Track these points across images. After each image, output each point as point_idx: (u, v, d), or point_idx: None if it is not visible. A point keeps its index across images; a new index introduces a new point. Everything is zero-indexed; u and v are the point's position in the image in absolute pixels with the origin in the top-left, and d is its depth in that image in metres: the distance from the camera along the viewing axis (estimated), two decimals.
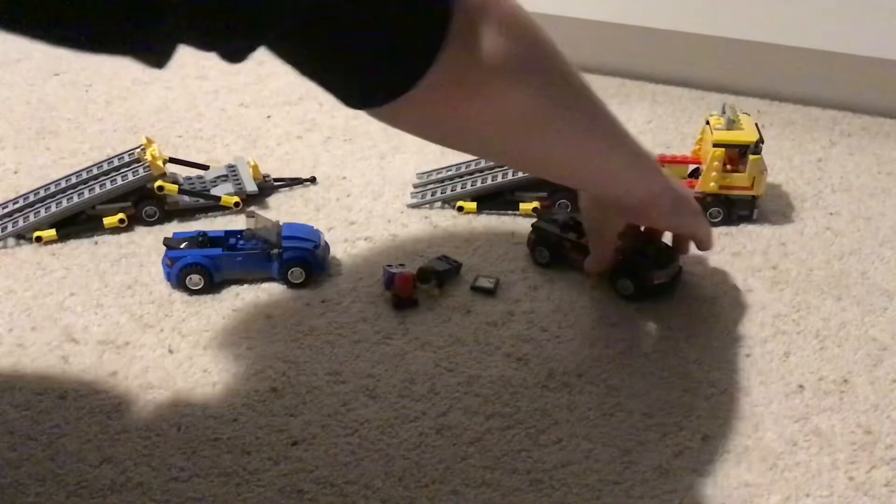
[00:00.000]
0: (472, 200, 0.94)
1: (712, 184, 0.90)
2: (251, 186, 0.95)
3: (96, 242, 0.89)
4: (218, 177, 0.97)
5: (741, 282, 0.84)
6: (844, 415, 0.70)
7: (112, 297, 0.82)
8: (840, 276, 0.85)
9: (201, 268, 0.81)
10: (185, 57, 0.63)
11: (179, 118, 1.13)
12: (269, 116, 1.13)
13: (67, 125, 1.12)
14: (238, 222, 0.90)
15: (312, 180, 1.00)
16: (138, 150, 0.93)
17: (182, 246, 0.82)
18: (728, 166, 0.91)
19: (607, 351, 0.76)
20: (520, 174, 0.93)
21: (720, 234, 0.91)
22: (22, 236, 0.89)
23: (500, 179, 0.94)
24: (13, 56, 1.30)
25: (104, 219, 0.90)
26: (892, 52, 1.09)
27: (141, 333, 0.77)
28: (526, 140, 0.64)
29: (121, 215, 0.90)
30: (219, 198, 0.93)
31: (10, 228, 0.89)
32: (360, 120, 1.13)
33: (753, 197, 0.91)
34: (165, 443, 0.67)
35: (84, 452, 0.66)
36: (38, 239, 0.88)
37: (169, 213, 0.93)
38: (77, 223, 0.90)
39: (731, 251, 0.88)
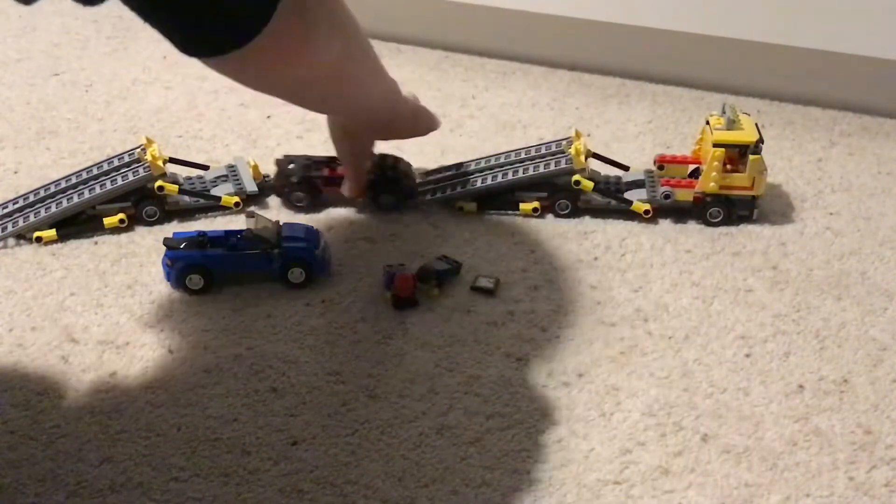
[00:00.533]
0: (472, 200, 0.94)
1: (712, 184, 0.90)
2: (251, 186, 0.95)
3: (96, 242, 0.89)
4: (218, 177, 0.97)
5: (741, 282, 0.84)
6: (844, 415, 0.70)
7: (112, 297, 0.82)
8: (840, 276, 0.85)
9: (201, 268, 0.81)
10: (186, 57, 0.63)
11: (179, 118, 1.13)
12: (269, 116, 1.13)
13: (67, 125, 1.12)
14: (238, 222, 0.90)
15: None
16: (138, 150, 0.93)
17: (182, 246, 0.82)
18: (728, 166, 0.91)
19: (607, 351, 0.76)
20: (520, 174, 0.94)
21: (720, 234, 0.91)
22: (22, 236, 0.89)
23: (499, 179, 0.94)
24: (13, 56, 1.30)
25: (104, 219, 0.90)
26: (892, 52, 1.09)
27: (141, 333, 0.77)
28: (336, 84, 0.74)
29: (121, 215, 0.90)
30: (219, 198, 0.93)
31: (10, 228, 0.89)
32: None
33: (753, 197, 0.91)
34: (165, 443, 0.67)
35: (84, 452, 0.66)
36: (39, 239, 0.88)
37: (169, 213, 0.93)
38: (77, 223, 0.90)
39: (731, 251, 0.88)
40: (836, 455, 0.66)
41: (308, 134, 1.09)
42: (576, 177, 0.91)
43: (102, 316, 0.79)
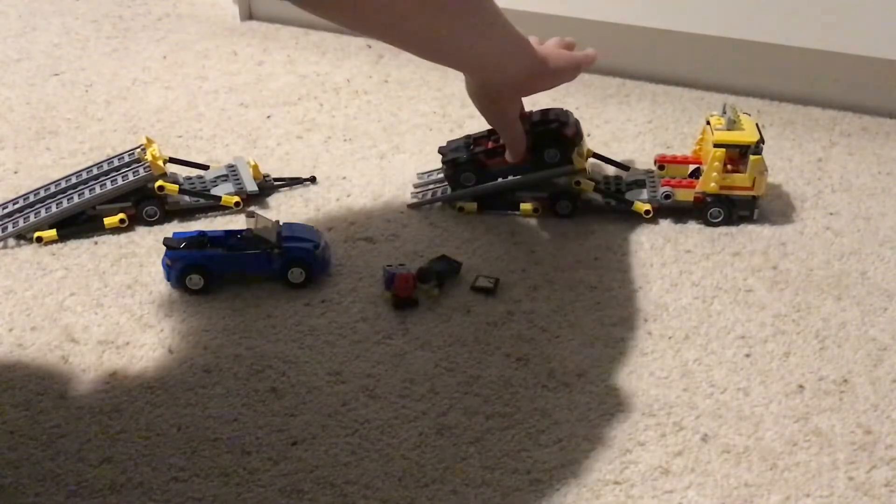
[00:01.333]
0: (472, 200, 0.94)
1: (713, 184, 0.90)
2: (251, 186, 0.95)
3: (96, 242, 0.89)
4: (218, 177, 0.97)
5: (741, 282, 0.84)
6: (844, 415, 0.70)
7: (112, 297, 0.82)
8: (840, 276, 0.85)
9: (201, 268, 0.81)
10: (186, 57, 0.63)
11: (179, 118, 1.13)
12: (269, 116, 1.14)
13: (67, 125, 1.12)
14: (238, 222, 0.90)
15: (312, 180, 1.00)
16: (138, 150, 0.93)
17: (182, 246, 0.82)
18: (729, 166, 0.91)
19: (607, 351, 0.76)
20: (520, 175, 0.94)
21: (720, 234, 0.91)
22: (22, 236, 0.89)
23: (499, 180, 0.94)
24: (13, 56, 1.30)
25: (105, 219, 0.90)
26: (892, 52, 1.09)
27: (141, 333, 0.77)
28: (430, 20, 0.74)
29: (121, 215, 0.90)
30: (219, 198, 0.93)
31: (10, 228, 0.89)
32: (360, 120, 1.13)
33: (754, 197, 0.91)
34: (165, 443, 0.67)
35: (84, 452, 0.66)
36: (39, 239, 0.88)
37: (169, 213, 0.93)
38: (77, 223, 0.90)
39: (731, 251, 0.88)
40: (836, 455, 0.66)
41: (308, 134, 1.10)
42: (576, 177, 0.91)
43: (102, 316, 0.79)
